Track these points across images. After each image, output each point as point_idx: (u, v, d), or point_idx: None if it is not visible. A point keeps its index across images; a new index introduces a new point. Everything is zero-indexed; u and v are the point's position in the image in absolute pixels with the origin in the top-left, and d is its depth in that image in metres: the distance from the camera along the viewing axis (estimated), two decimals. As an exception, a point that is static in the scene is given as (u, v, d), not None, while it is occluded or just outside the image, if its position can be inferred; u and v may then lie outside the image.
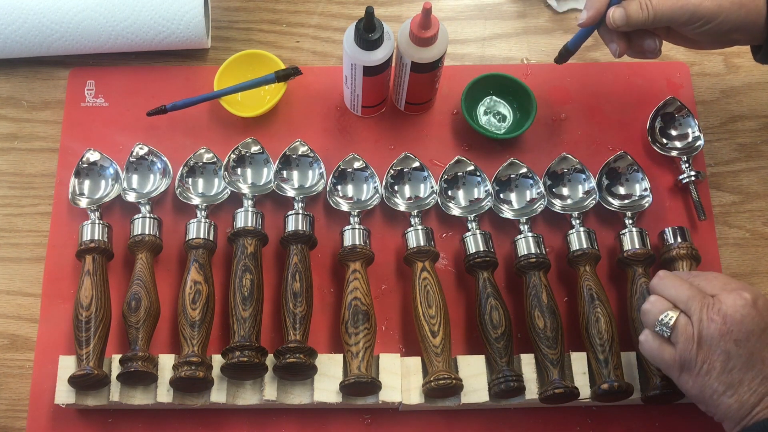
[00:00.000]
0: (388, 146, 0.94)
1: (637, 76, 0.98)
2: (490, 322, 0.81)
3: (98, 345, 0.80)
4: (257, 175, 0.90)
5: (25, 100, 0.97)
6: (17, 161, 0.94)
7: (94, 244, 0.84)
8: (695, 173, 0.90)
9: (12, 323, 0.87)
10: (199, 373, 0.77)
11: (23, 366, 0.86)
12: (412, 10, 1.02)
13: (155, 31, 0.94)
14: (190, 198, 0.89)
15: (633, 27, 0.79)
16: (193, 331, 0.80)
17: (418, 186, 0.90)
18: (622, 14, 0.79)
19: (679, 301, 0.72)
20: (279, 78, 0.91)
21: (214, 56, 0.99)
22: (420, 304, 0.82)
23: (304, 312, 0.81)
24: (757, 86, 0.99)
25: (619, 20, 0.79)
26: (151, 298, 0.82)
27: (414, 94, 0.92)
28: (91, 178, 0.90)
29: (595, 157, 0.93)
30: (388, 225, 0.91)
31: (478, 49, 1.00)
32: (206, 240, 0.85)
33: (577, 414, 0.84)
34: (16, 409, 0.84)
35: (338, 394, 0.80)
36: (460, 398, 0.81)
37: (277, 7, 1.02)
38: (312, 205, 0.91)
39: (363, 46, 0.83)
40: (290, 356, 0.78)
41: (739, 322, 0.69)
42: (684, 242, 0.85)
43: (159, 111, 0.91)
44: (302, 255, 0.84)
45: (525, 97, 0.92)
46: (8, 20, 0.93)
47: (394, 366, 0.82)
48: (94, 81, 0.97)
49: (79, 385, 0.79)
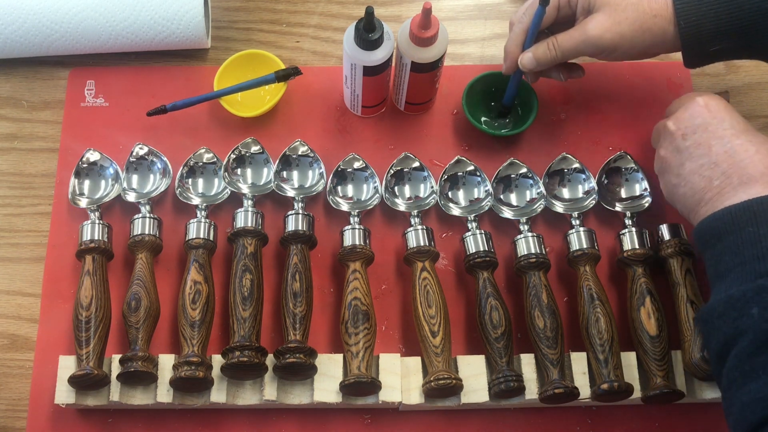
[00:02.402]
0: (388, 146, 0.94)
1: (637, 76, 0.98)
2: (490, 322, 0.81)
3: (98, 345, 0.80)
4: (257, 175, 0.90)
5: (25, 100, 0.97)
6: (17, 161, 0.94)
7: (94, 244, 0.84)
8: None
9: (12, 323, 0.87)
10: (199, 373, 0.77)
11: (23, 366, 0.86)
12: (412, 10, 1.02)
13: (155, 31, 0.94)
14: (190, 198, 0.89)
15: (544, 66, 0.85)
16: (193, 331, 0.80)
17: (418, 186, 0.90)
18: (530, 58, 0.84)
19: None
20: (279, 78, 0.91)
21: (214, 56, 0.99)
22: (420, 304, 0.82)
23: (304, 312, 0.81)
24: (757, 86, 0.99)
25: (528, 64, 0.85)
26: (151, 298, 0.82)
27: (414, 94, 0.92)
28: (91, 178, 0.90)
29: (595, 157, 0.93)
30: (388, 225, 0.91)
31: (478, 49, 1.00)
32: (206, 240, 0.85)
33: (577, 414, 0.84)
34: (16, 409, 0.84)
35: (338, 394, 0.80)
36: (460, 398, 0.81)
37: (277, 7, 1.02)
38: (312, 205, 0.91)
39: (363, 46, 0.83)
40: (290, 356, 0.78)
41: (687, 119, 0.78)
42: (675, 239, 0.85)
43: (159, 111, 0.91)
44: (302, 255, 0.84)
45: (526, 94, 0.92)
46: (8, 20, 0.93)
47: (394, 366, 0.82)
48: (94, 81, 0.97)
49: (79, 385, 0.79)
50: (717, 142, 0.74)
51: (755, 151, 0.73)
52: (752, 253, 0.67)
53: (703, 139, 0.75)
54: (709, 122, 0.76)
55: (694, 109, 0.77)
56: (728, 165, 0.73)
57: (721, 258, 0.70)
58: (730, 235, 0.69)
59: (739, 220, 0.69)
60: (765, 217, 0.68)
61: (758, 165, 0.72)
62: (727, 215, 0.70)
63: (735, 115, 0.77)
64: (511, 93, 0.91)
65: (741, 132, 0.74)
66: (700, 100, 0.78)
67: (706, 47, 0.80)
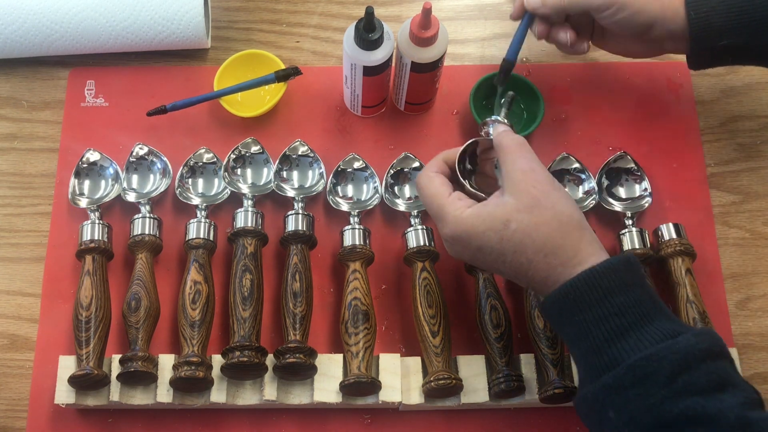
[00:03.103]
0: (388, 146, 0.94)
1: (637, 76, 0.98)
2: (489, 322, 0.81)
3: (98, 345, 0.80)
4: (257, 175, 0.90)
5: (25, 100, 0.97)
6: (17, 161, 0.94)
7: (94, 244, 0.84)
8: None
9: (12, 323, 0.87)
10: (199, 373, 0.77)
11: (23, 366, 0.86)
12: (412, 10, 1.02)
13: (155, 31, 0.94)
14: (190, 198, 0.89)
15: (550, 10, 0.83)
16: (193, 331, 0.80)
17: (418, 186, 0.90)
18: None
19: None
20: (279, 78, 0.91)
21: (214, 56, 0.99)
22: (420, 304, 0.82)
23: (304, 312, 0.81)
24: (757, 86, 0.99)
25: (533, 2, 0.83)
26: (151, 298, 0.82)
27: (414, 94, 0.92)
28: (91, 178, 0.90)
29: (595, 157, 0.93)
30: (388, 225, 0.91)
31: (478, 49, 1.00)
32: (206, 240, 0.85)
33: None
34: (16, 409, 0.84)
35: (338, 394, 0.80)
36: (460, 398, 0.81)
37: (277, 7, 1.02)
38: (312, 205, 0.91)
39: (363, 46, 0.83)
40: (290, 356, 0.78)
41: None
42: (678, 238, 0.85)
43: (159, 111, 0.91)
44: (302, 255, 0.84)
45: (531, 97, 0.92)
46: (8, 20, 0.93)
47: (394, 366, 0.82)
48: (94, 81, 0.97)
49: (79, 385, 0.79)
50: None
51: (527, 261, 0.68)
52: (587, 345, 0.64)
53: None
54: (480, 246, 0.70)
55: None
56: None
57: (568, 344, 0.68)
58: (566, 326, 0.66)
59: (567, 309, 0.66)
60: (587, 302, 0.64)
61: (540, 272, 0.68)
62: (554, 306, 0.67)
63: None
64: (516, 45, 0.87)
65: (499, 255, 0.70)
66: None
67: (714, 42, 0.80)
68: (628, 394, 0.61)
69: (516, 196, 0.69)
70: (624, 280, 0.65)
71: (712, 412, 0.58)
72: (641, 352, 0.61)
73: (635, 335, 0.63)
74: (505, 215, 0.68)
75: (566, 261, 0.67)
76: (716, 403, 0.59)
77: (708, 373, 0.60)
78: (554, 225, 0.68)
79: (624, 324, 0.63)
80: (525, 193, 0.69)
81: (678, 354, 0.61)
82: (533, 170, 0.70)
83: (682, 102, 0.97)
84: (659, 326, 0.63)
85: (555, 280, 0.67)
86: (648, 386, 0.60)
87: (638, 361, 0.61)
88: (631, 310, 0.64)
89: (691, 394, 0.59)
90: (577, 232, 0.68)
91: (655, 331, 0.63)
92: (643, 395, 0.60)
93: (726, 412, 0.58)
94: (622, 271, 0.65)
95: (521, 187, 0.69)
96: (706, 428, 0.58)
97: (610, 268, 0.65)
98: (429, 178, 0.75)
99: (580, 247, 0.67)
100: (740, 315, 0.88)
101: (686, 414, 0.59)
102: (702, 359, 0.61)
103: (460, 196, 0.73)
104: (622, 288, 0.64)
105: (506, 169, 0.71)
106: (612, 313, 0.63)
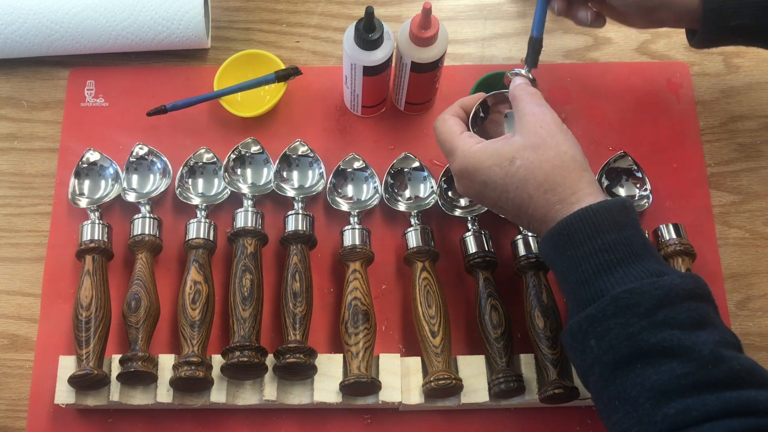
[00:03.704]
0: (388, 146, 0.94)
1: (637, 76, 0.98)
2: (489, 322, 0.81)
3: (98, 345, 0.80)
4: (257, 175, 0.90)
5: (25, 100, 0.97)
6: (17, 161, 0.94)
7: (94, 244, 0.84)
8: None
9: (12, 323, 0.87)
10: (199, 373, 0.77)
11: (23, 366, 0.86)
12: (412, 10, 1.02)
13: (155, 31, 0.94)
14: (190, 198, 0.89)
15: None
16: (193, 331, 0.80)
17: (418, 186, 0.90)
18: None
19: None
20: (279, 78, 0.91)
21: (214, 56, 0.99)
22: (420, 304, 0.82)
23: (303, 312, 0.81)
24: (757, 86, 0.99)
25: None
26: (151, 298, 0.82)
27: (414, 94, 0.92)
28: (91, 178, 0.90)
29: (595, 157, 0.93)
30: (388, 225, 0.91)
31: (478, 49, 1.00)
32: (206, 240, 0.85)
33: (577, 414, 0.84)
34: (16, 409, 0.84)
35: (338, 394, 0.80)
36: (460, 398, 0.81)
37: (277, 7, 1.02)
38: (312, 205, 0.91)
39: (363, 46, 0.83)
40: (290, 356, 0.78)
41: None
42: (678, 238, 0.85)
43: (159, 111, 0.91)
44: (302, 255, 0.84)
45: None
46: (8, 20, 0.93)
47: (394, 366, 0.82)
48: (94, 81, 0.97)
49: (79, 385, 0.79)
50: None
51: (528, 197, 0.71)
52: (576, 278, 0.66)
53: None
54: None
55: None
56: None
57: (559, 279, 0.70)
58: (559, 262, 0.69)
59: (560, 245, 0.68)
60: (579, 238, 0.66)
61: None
62: (548, 242, 0.69)
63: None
64: (539, 22, 0.85)
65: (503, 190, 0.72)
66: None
67: (726, 21, 0.79)
68: (609, 323, 0.63)
69: (524, 135, 0.72)
70: (617, 220, 0.66)
71: (687, 345, 0.60)
72: (626, 285, 0.63)
73: (622, 270, 0.64)
74: (512, 152, 0.71)
75: (564, 198, 0.69)
76: (692, 338, 0.61)
77: (689, 311, 0.62)
78: (556, 163, 0.70)
79: (612, 259, 0.65)
80: (533, 133, 0.72)
81: (661, 290, 0.62)
82: (543, 113, 0.73)
83: (682, 102, 0.97)
84: (647, 265, 0.65)
85: (552, 217, 0.69)
86: (629, 316, 0.62)
87: (622, 293, 0.63)
88: (621, 248, 0.65)
89: (669, 327, 0.61)
90: (577, 172, 0.70)
91: (642, 269, 0.64)
92: (623, 324, 0.62)
93: (700, 346, 0.60)
94: (616, 212, 0.67)
95: (529, 128, 0.72)
96: (680, 360, 0.60)
97: (605, 207, 0.67)
98: (444, 119, 0.78)
99: (579, 186, 0.69)
100: (740, 315, 0.88)
101: (662, 344, 0.61)
102: (684, 298, 0.63)
103: (471, 135, 0.77)
104: (614, 227, 0.66)
105: (518, 114, 0.74)
106: (602, 249, 0.65)
